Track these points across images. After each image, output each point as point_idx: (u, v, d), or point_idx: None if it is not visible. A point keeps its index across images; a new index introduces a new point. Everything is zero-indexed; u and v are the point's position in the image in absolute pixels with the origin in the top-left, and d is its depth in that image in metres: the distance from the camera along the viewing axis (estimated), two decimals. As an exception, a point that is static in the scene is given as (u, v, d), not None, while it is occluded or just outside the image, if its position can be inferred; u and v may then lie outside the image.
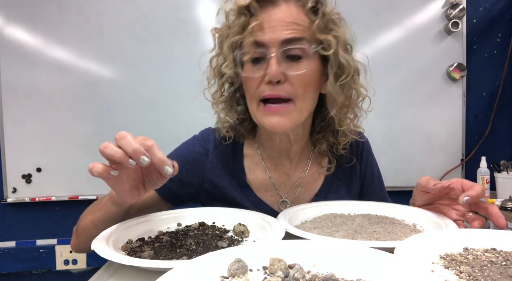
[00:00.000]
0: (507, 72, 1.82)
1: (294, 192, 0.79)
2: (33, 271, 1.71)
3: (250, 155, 0.80)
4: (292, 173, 0.80)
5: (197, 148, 0.79)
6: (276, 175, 0.79)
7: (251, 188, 0.77)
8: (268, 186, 0.78)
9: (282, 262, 0.39)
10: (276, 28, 0.63)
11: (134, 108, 1.66)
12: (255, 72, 0.65)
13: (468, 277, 0.39)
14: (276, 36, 0.62)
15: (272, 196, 0.78)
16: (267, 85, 0.64)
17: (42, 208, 1.70)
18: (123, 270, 0.51)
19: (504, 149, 1.85)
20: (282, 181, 0.79)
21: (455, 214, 0.62)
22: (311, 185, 0.80)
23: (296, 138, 0.76)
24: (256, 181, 0.78)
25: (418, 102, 1.77)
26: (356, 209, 0.72)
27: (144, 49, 1.66)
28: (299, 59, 0.64)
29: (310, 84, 0.67)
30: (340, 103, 0.69)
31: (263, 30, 0.63)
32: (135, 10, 1.65)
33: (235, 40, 0.65)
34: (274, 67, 0.62)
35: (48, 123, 1.63)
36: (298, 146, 0.78)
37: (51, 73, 1.62)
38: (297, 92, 0.65)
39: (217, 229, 0.62)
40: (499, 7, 1.82)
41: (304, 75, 0.64)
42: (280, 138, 0.75)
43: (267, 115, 0.66)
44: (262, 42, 0.63)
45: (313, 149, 0.82)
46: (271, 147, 0.78)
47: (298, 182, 0.79)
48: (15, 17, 1.60)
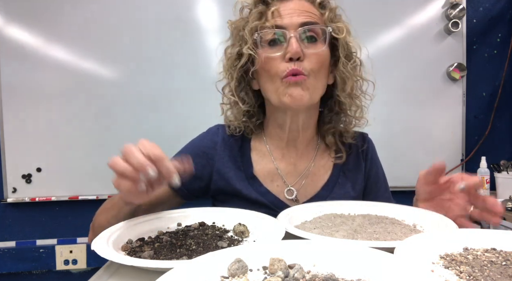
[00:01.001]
0: (507, 72, 1.82)
1: (300, 183, 0.80)
2: (33, 271, 1.71)
3: (257, 147, 0.83)
4: (298, 163, 0.81)
5: (206, 141, 0.82)
6: (283, 165, 0.81)
7: (258, 179, 0.79)
8: (274, 176, 0.80)
9: (282, 262, 0.39)
10: (293, 14, 0.70)
11: (134, 108, 1.66)
12: (276, 52, 0.70)
13: (468, 277, 0.39)
14: (294, 20, 0.69)
15: (278, 186, 0.79)
16: (288, 63, 0.69)
17: (42, 208, 1.70)
18: (123, 270, 0.51)
19: (504, 149, 1.85)
20: (289, 171, 0.80)
21: (457, 209, 0.63)
22: (317, 177, 0.81)
23: (304, 125, 0.78)
24: (263, 171, 0.80)
25: (418, 102, 1.77)
26: (356, 209, 0.72)
27: (144, 49, 1.66)
28: (315, 41, 0.71)
29: (323, 64, 0.72)
30: (350, 85, 0.75)
31: (281, 16, 0.70)
32: (135, 10, 1.65)
33: (254, 25, 0.71)
34: (295, 45, 0.67)
35: (48, 123, 1.63)
36: (305, 136, 0.81)
37: (51, 73, 1.62)
38: (314, 69, 0.70)
39: (217, 229, 0.62)
40: (499, 7, 1.82)
41: (321, 54, 0.71)
42: (290, 125, 0.77)
43: (288, 88, 0.70)
44: (282, 25, 0.70)
45: (321, 141, 0.84)
46: (279, 137, 0.81)
47: (305, 173, 0.81)
48: (15, 17, 1.60)
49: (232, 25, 0.77)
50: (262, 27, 0.71)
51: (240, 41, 0.74)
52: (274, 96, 0.72)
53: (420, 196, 0.70)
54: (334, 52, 0.75)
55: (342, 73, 0.74)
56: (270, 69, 0.71)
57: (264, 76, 0.73)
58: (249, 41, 0.71)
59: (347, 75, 0.74)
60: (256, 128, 0.83)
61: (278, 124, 0.79)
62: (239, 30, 0.75)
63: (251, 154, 0.82)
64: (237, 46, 0.75)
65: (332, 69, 0.76)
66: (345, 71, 0.73)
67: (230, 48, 0.78)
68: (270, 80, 0.72)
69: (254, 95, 0.81)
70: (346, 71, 0.73)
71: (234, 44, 0.77)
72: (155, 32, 1.66)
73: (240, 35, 0.74)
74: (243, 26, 0.73)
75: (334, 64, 0.76)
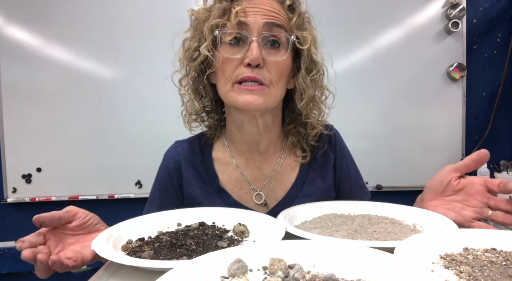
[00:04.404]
0: (507, 72, 1.82)
1: (268, 185, 0.78)
2: (33, 271, 1.71)
3: (220, 157, 0.80)
4: (264, 167, 0.79)
5: (170, 164, 0.80)
6: (248, 171, 0.79)
7: (225, 190, 0.77)
8: (242, 184, 0.78)
9: (282, 262, 0.39)
10: (258, 12, 0.66)
11: (134, 108, 1.66)
12: (235, 54, 0.66)
13: (468, 277, 0.39)
14: (259, 19, 0.65)
15: (247, 193, 0.78)
16: (246, 68, 0.65)
17: (42, 208, 1.69)
18: (123, 270, 0.51)
19: (504, 149, 1.85)
20: (255, 176, 0.78)
21: (472, 211, 0.63)
22: (285, 177, 0.79)
23: (266, 128, 0.76)
24: (230, 181, 0.78)
25: (418, 102, 1.77)
26: (356, 209, 0.72)
27: (144, 49, 1.66)
28: (278, 47, 0.68)
29: (284, 74, 0.69)
30: (309, 96, 0.72)
31: (246, 13, 0.66)
32: (135, 10, 1.65)
33: (216, 23, 0.66)
34: (256, 50, 0.64)
35: (48, 123, 1.64)
36: (268, 138, 0.78)
37: (51, 73, 1.63)
38: (273, 79, 0.67)
39: (217, 229, 0.62)
40: (499, 7, 1.82)
41: (282, 63, 0.68)
42: (249, 128, 0.74)
43: (241, 93, 0.66)
44: (245, 22, 0.65)
45: (286, 141, 0.82)
46: (240, 141, 0.78)
47: (272, 175, 0.79)
48: (15, 17, 1.60)
49: (194, 15, 0.72)
50: (223, 25, 0.66)
51: (200, 35, 0.70)
52: (228, 96, 0.68)
53: (430, 193, 0.68)
54: (297, 59, 0.73)
55: (301, 84, 0.71)
56: (225, 70, 0.67)
57: (220, 75, 0.69)
58: (208, 39, 0.67)
59: (305, 86, 0.71)
60: (215, 126, 0.80)
61: (236, 126, 0.76)
62: (199, 22, 0.70)
63: (214, 165, 0.79)
64: (196, 40, 0.71)
65: (294, 74, 0.74)
66: (303, 82, 0.71)
67: (189, 40, 0.73)
68: (224, 81, 0.68)
69: (212, 89, 0.76)
70: (305, 83, 0.71)
71: (193, 36, 0.72)
72: (155, 32, 1.66)
73: (200, 29, 0.69)
74: (203, 19, 0.69)
75: (297, 69, 0.73)
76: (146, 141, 1.64)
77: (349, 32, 1.71)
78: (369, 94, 1.72)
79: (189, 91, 0.76)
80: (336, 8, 1.72)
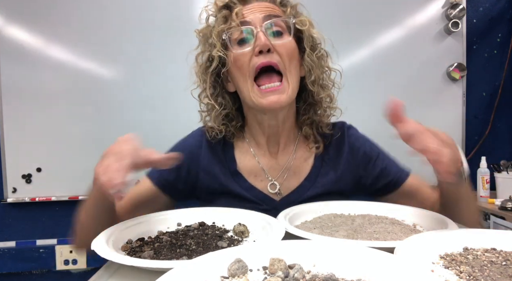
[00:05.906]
0: (507, 72, 1.82)
1: (282, 176, 0.81)
2: (33, 271, 1.71)
3: (239, 145, 0.85)
4: (280, 157, 0.83)
5: (192, 141, 0.84)
6: (265, 160, 0.83)
7: (242, 175, 0.81)
8: (257, 172, 0.82)
9: (282, 262, 0.39)
10: (256, 11, 0.73)
11: (134, 108, 1.66)
12: (245, 48, 0.72)
13: (468, 277, 0.40)
14: (258, 15, 0.72)
15: (262, 181, 0.81)
16: (258, 57, 0.71)
17: (42, 208, 1.70)
18: (123, 270, 0.51)
19: (504, 149, 1.85)
20: (271, 166, 0.82)
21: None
22: (299, 169, 0.82)
23: (284, 119, 0.80)
24: (246, 168, 0.82)
25: (418, 102, 1.76)
26: (356, 209, 0.72)
27: (144, 49, 1.66)
28: (281, 34, 0.73)
29: (293, 56, 0.74)
30: (317, 75, 0.77)
31: (244, 15, 0.73)
32: (135, 10, 1.65)
33: (221, 28, 0.73)
34: (263, 37, 0.69)
35: (48, 123, 1.63)
36: (286, 128, 0.82)
37: (51, 73, 1.62)
38: (285, 62, 0.72)
39: (217, 229, 0.62)
40: (499, 7, 1.82)
41: (289, 44, 0.73)
42: (269, 122, 0.78)
43: (264, 96, 0.71)
44: (247, 21, 0.72)
45: (300, 133, 0.85)
46: (260, 134, 0.82)
47: (287, 166, 0.82)
48: (15, 17, 1.60)
49: (200, 33, 0.79)
50: (228, 28, 0.73)
51: (209, 47, 0.76)
52: (251, 97, 0.73)
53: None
54: (300, 45, 0.77)
55: (308, 64, 0.76)
56: (241, 66, 0.72)
57: (237, 75, 0.74)
58: (218, 44, 0.73)
59: (313, 65, 0.76)
60: (237, 131, 0.84)
61: (257, 122, 0.81)
62: (207, 37, 0.77)
63: (234, 152, 0.84)
64: (207, 51, 0.77)
65: (301, 61, 0.78)
66: (311, 61, 0.76)
67: (201, 55, 0.80)
68: (244, 79, 0.73)
69: (231, 98, 0.82)
70: (312, 61, 0.76)
71: (203, 51, 0.79)
72: (155, 32, 1.66)
73: (209, 42, 0.76)
74: (210, 32, 0.76)
75: (302, 56, 0.78)
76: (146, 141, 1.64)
77: (349, 32, 1.71)
78: (369, 94, 1.72)
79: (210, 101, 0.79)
80: (336, 8, 1.72)
